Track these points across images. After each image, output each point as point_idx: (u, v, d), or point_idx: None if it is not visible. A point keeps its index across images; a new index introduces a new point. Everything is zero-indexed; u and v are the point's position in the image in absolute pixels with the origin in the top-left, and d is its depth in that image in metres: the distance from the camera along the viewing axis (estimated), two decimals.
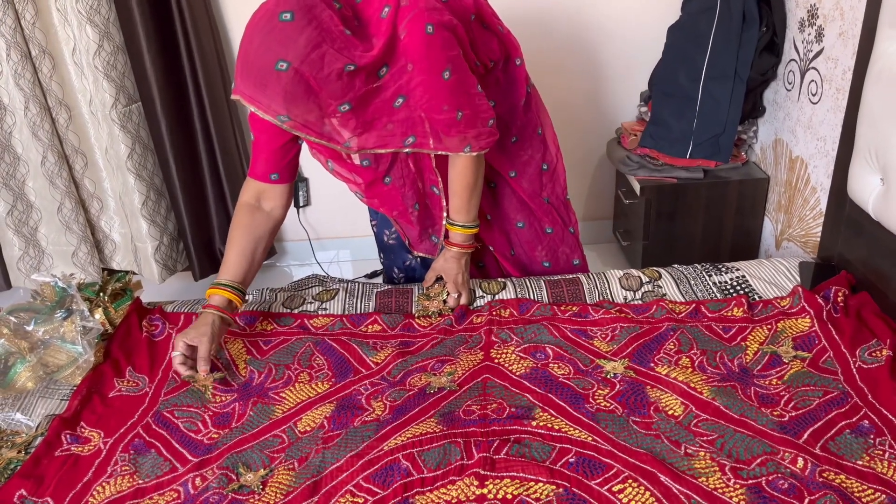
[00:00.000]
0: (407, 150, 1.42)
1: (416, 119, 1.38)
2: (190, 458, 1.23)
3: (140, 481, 1.18)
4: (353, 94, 1.28)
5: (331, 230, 2.87)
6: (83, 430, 1.29)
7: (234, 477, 1.17)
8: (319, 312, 1.62)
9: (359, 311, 1.62)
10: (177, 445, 1.26)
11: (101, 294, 1.57)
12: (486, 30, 1.48)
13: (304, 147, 1.52)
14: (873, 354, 1.32)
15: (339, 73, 1.23)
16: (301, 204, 2.78)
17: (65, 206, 2.41)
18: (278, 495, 1.12)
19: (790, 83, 2.13)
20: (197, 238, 2.57)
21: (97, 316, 1.51)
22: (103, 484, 1.18)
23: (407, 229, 1.71)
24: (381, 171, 1.58)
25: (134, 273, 2.56)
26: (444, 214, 1.61)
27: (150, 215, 2.46)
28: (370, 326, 1.55)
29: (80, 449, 1.25)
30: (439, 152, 1.44)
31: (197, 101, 2.39)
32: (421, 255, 1.76)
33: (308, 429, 1.27)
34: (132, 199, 2.42)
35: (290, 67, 1.20)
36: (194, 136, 2.45)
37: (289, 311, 1.62)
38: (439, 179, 1.58)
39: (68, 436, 1.27)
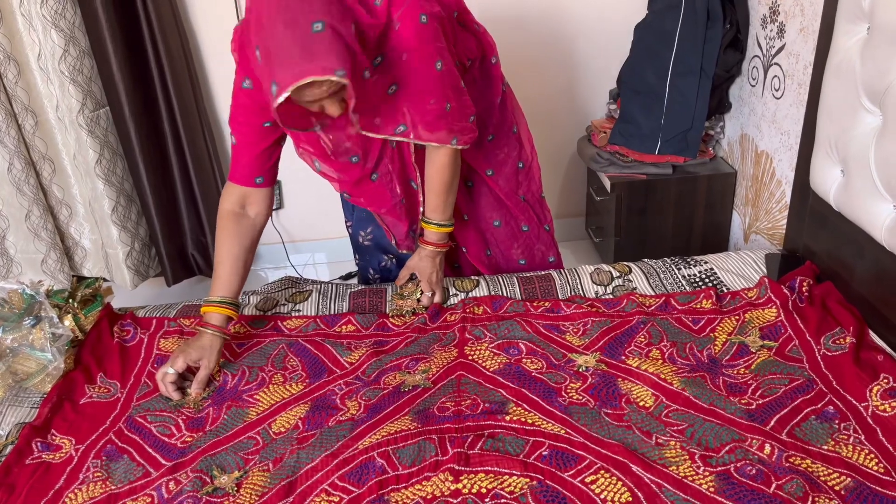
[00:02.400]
0: (397, 138, 1.41)
1: (406, 108, 1.38)
2: (163, 462, 1.22)
3: (113, 487, 1.17)
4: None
5: (305, 233, 2.86)
6: (54, 437, 1.28)
7: (208, 480, 1.16)
8: (293, 314, 1.61)
9: (332, 312, 1.62)
10: (150, 450, 1.25)
11: (71, 300, 1.56)
12: (464, 28, 1.49)
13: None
14: (837, 342, 1.35)
15: (355, 28, 1.21)
16: (274, 206, 2.76)
17: (33, 213, 2.37)
18: (253, 496, 1.11)
19: (754, 79, 2.17)
20: (169, 243, 2.54)
21: (66, 322, 1.49)
22: (75, 491, 1.17)
23: (394, 226, 1.68)
24: (369, 168, 1.56)
25: (105, 279, 2.53)
26: (421, 210, 1.61)
27: (120, 221, 2.43)
28: (344, 327, 1.56)
29: (51, 456, 1.24)
30: (430, 143, 1.43)
31: (166, 104, 2.37)
32: (402, 252, 1.75)
33: (282, 430, 1.27)
34: (102, 205, 2.39)
35: (325, 25, 1.15)
36: (164, 139, 2.43)
37: (262, 313, 1.61)
38: (418, 174, 1.58)
39: (39, 443, 1.25)
